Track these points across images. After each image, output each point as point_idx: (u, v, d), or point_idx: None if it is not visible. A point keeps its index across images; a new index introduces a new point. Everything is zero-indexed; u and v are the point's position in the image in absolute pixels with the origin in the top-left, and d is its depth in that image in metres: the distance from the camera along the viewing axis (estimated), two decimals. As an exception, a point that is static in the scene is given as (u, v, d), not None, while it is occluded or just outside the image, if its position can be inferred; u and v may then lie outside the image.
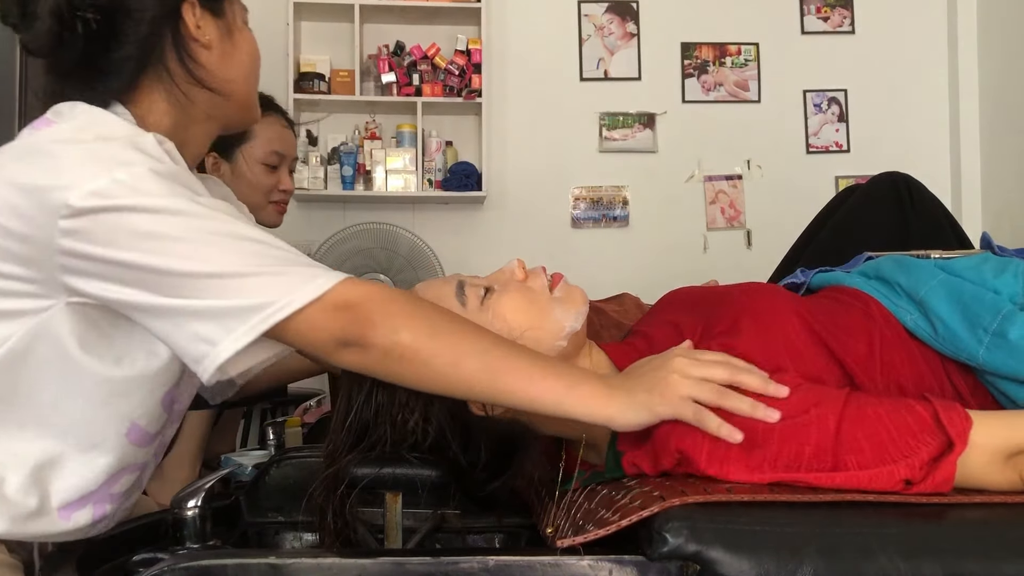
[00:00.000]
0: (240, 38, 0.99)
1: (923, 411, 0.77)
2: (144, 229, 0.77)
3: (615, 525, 0.72)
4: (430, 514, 1.05)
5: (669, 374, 0.79)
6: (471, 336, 0.81)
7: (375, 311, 0.78)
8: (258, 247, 0.79)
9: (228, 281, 0.76)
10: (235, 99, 0.99)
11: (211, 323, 0.76)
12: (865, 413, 0.77)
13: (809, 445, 0.76)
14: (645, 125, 3.53)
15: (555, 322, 0.93)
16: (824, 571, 0.68)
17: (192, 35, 0.93)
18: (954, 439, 0.74)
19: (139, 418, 0.91)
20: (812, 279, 1.13)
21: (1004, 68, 3.36)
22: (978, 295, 0.91)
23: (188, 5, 0.93)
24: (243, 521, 1.12)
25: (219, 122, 1.00)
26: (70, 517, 0.90)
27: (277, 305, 0.76)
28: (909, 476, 0.74)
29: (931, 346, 0.93)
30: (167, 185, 0.80)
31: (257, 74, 1.02)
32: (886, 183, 1.43)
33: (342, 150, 3.29)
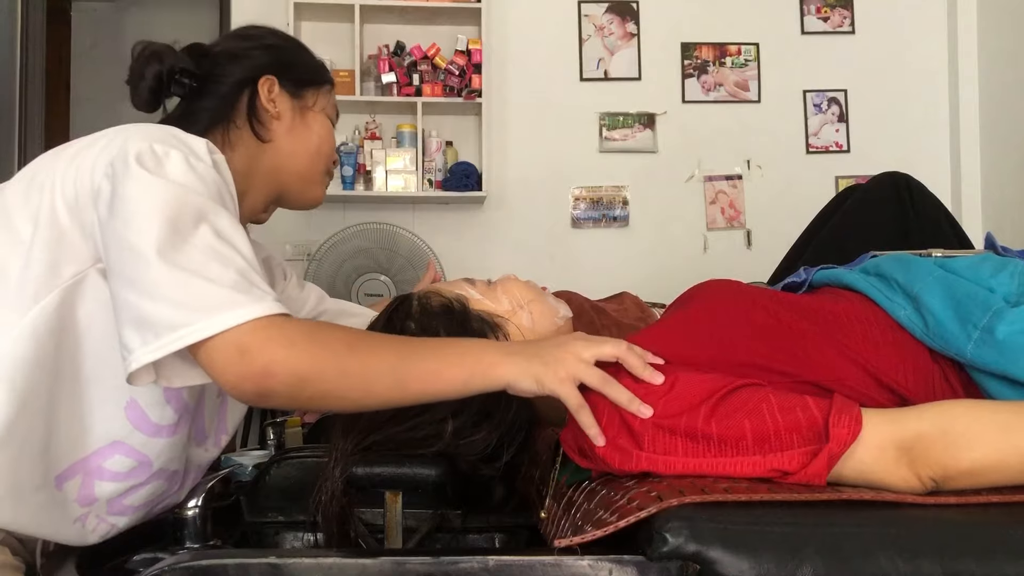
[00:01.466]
0: (314, 121, 1.12)
1: (817, 412, 0.79)
2: (131, 204, 0.81)
3: (613, 526, 0.72)
4: (430, 514, 1.05)
5: (566, 353, 0.83)
6: (379, 354, 0.82)
7: (273, 360, 0.77)
8: (211, 262, 0.79)
9: (167, 281, 0.77)
10: (294, 171, 1.10)
11: (135, 331, 0.78)
12: (759, 408, 0.79)
13: (679, 436, 0.79)
14: (645, 125, 3.53)
15: (552, 305, 1.05)
16: (824, 571, 0.68)
17: (263, 103, 1.07)
18: (832, 439, 0.76)
19: (139, 396, 0.90)
20: (814, 277, 1.13)
21: (1004, 68, 3.36)
22: (972, 292, 0.92)
23: (266, 80, 1.07)
24: (243, 521, 1.12)
25: (277, 187, 1.11)
26: (62, 486, 0.89)
27: (189, 329, 0.76)
28: (784, 467, 0.77)
29: (922, 341, 0.94)
30: (190, 177, 0.84)
31: (324, 159, 1.13)
32: (886, 183, 1.43)
33: (342, 150, 3.29)
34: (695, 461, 0.79)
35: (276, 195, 1.12)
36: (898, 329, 0.95)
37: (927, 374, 0.93)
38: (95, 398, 0.89)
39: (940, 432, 0.78)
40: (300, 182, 1.12)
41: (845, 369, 0.91)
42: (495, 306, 1.00)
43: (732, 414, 0.80)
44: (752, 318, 0.95)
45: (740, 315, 0.96)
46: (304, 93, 1.11)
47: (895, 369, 0.92)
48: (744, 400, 0.81)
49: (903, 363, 0.93)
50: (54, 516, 0.89)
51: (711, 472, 0.78)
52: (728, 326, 0.94)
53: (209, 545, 0.90)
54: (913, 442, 0.78)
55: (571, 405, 0.82)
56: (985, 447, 0.78)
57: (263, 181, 1.08)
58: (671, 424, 0.80)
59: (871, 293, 1.00)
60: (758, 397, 0.81)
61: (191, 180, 0.84)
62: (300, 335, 0.80)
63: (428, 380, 0.82)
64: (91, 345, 0.88)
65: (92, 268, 0.87)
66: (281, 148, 1.08)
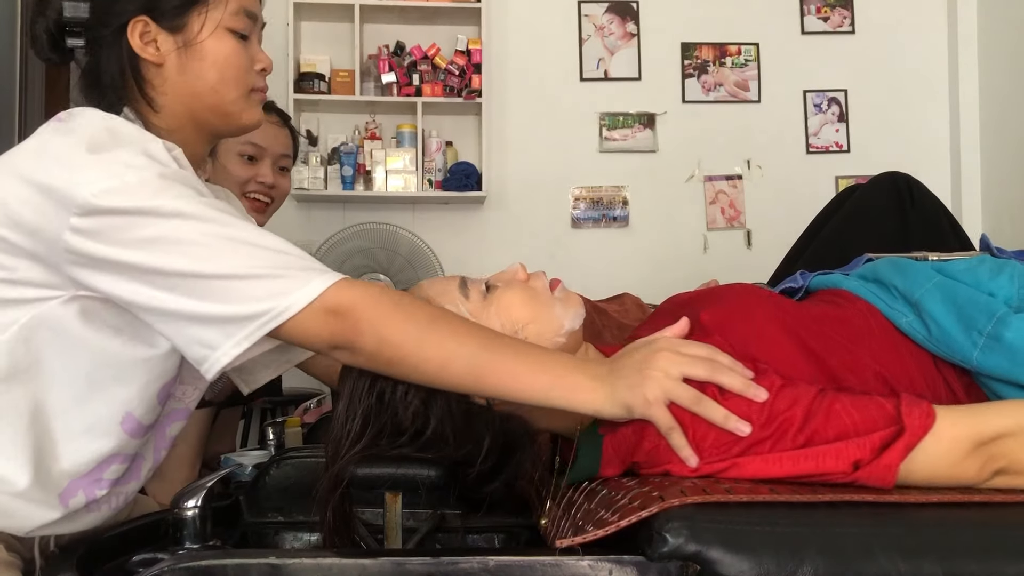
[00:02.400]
0: (205, 49, 0.96)
1: (889, 405, 0.79)
2: (149, 232, 0.80)
3: (614, 525, 0.72)
4: (430, 514, 1.05)
5: (652, 371, 0.80)
6: (460, 336, 0.83)
7: (363, 317, 0.81)
8: (257, 250, 0.82)
9: (227, 283, 0.80)
10: (206, 110, 0.98)
11: (212, 328, 0.81)
12: (832, 407, 0.79)
13: (771, 440, 0.79)
14: (645, 125, 3.53)
15: (555, 319, 0.95)
16: (824, 571, 0.68)
17: (139, 54, 0.95)
18: (907, 428, 0.76)
19: (135, 408, 0.93)
20: (811, 282, 1.13)
21: (1004, 68, 3.36)
22: (973, 297, 0.91)
23: (135, 24, 0.94)
24: (243, 521, 1.12)
25: (202, 132, 1.01)
26: (68, 503, 0.91)
27: (273, 312, 0.79)
28: (859, 456, 0.76)
29: (925, 348, 0.93)
30: (174, 188, 0.83)
31: (234, 84, 0.99)
32: (886, 183, 1.43)
33: (342, 150, 3.29)
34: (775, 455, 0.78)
35: (209, 136, 1.03)
36: (899, 336, 0.95)
37: (931, 379, 0.93)
38: (82, 422, 0.91)
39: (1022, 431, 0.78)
40: (219, 118, 1.00)
41: (862, 375, 0.91)
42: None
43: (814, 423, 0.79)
44: (783, 324, 0.94)
45: (773, 319, 0.95)
46: (187, 21, 0.95)
47: (901, 375, 0.92)
48: (821, 406, 0.80)
49: (906, 369, 0.93)
50: (55, 519, 0.91)
51: (789, 472, 0.77)
52: (762, 331, 0.94)
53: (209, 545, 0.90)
54: (993, 438, 0.78)
55: (663, 428, 0.79)
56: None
57: (189, 130, 0.99)
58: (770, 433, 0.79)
59: (872, 300, 1.00)
60: (830, 399, 0.81)
61: (179, 189, 0.83)
62: (385, 296, 0.83)
63: (506, 378, 0.81)
64: (69, 373, 0.89)
65: (53, 301, 0.86)
66: (181, 92, 0.96)
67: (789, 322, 0.95)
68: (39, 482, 0.88)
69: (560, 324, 0.95)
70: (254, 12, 1.00)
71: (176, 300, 0.81)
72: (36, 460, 0.88)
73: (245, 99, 1.01)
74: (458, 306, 0.94)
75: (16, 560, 0.90)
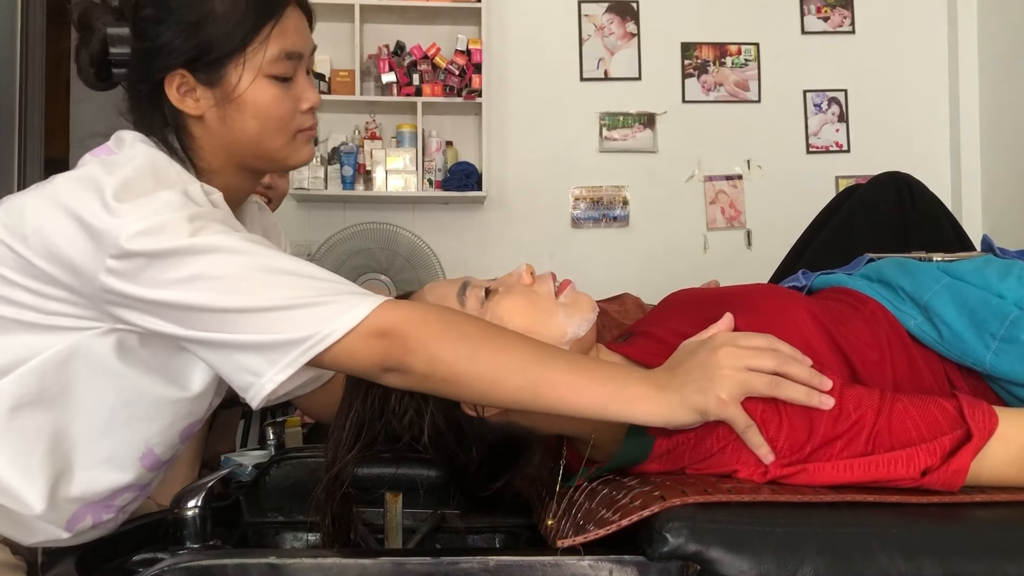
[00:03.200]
0: (245, 100, 0.92)
1: (949, 406, 0.79)
2: (186, 271, 0.79)
3: (615, 525, 0.72)
4: (430, 514, 1.05)
5: (718, 370, 0.77)
6: (511, 351, 0.80)
7: (411, 337, 0.79)
8: (296, 280, 0.81)
9: (268, 315, 0.79)
10: (252, 158, 0.97)
11: (255, 356, 0.80)
12: (895, 409, 0.79)
13: (842, 441, 0.78)
14: (645, 125, 3.53)
15: (557, 326, 0.91)
16: (824, 571, 0.68)
17: (179, 107, 0.92)
18: (974, 432, 0.76)
19: (156, 445, 0.94)
20: (814, 281, 1.12)
21: (1004, 68, 3.35)
22: (984, 300, 0.91)
23: (172, 78, 0.91)
24: (243, 521, 1.12)
25: (250, 175, 1.00)
26: (74, 529, 0.91)
27: (317, 337, 0.78)
28: (928, 463, 0.75)
29: (936, 351, 0.93)
30: (209, 226, 0.82)
31: (277, 131, 0.95)
32: (886, 183, 1.43)
33: (342, 150, 3.29)
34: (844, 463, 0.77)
35: (255, 174, 1.01)
36: (908, 337, 0.95)
37: (940, 382, 0.93)
38: (103, 452, 0.91)
39: None
40: (265, 163, 0.98)
41: (883, 376, 0.91)
42: None
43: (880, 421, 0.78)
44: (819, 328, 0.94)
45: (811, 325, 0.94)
46: (223, 73, 0.91)
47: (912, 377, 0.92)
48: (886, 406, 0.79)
49: (917, 372, 0.93)
50: (60, 539, 0.91)
51: (860, 478, 0.77)
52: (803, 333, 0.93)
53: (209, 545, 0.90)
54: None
55: (740, 426, 0.77)
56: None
57: (234, 171, 0.97)
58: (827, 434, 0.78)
59: (879, 301, 0.99)
60: (891, 400, 0.80)
61: (212, 226, 0.82)
62: (432, 314, 0.82)
63: (564, 391, 0.78)
64: (97, 406, 0.89)
65: (93, 331, 0.86)
66: (223, 141, 0.94)
67: (821, 321, 0.94)
68: (53, 506, 0.88)
69: (563, 332, 0.91)
70: (298, 51, 0.96)
71: (218, 335, 0.80)
72: (52, 485, 0.87)
73: (291, 143, 0.97)
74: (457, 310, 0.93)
75: (20, 563, 0.90)
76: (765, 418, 0.78)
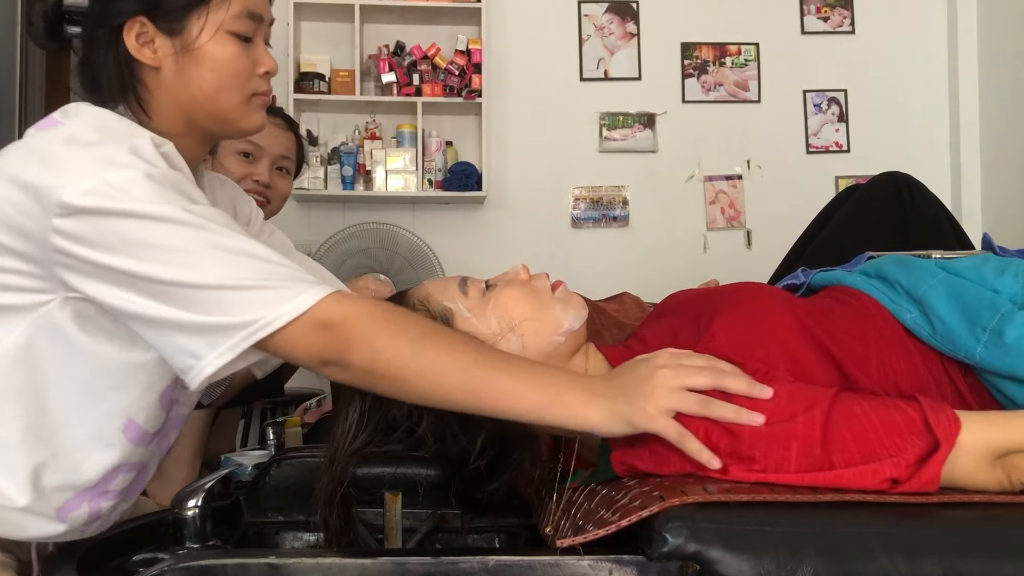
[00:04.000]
0: (204, 53, 0.92)
1: (912, 412, 0.78)
2: (132, 236, 0.78)
3: (615, 525, 0.72)
4: (430, 514, 1.05)
5: (654, 387, 0.78)
6: (454, 352, 0.80)
7: (355, 331, 0.79)
8: (247, 259, 0.80)
9: (215, 293, 0.78)
10: (204, 116, 0.95)
11: (197, 338, 0.78)
12: (853, 412, 0.78)
13: (793, 449, 0.77)
14: (645, 125, 3.53)
15: (554, 317, 0.94)
16: (824, 571, 0.68)
17: (135, 56, 0.92)
18: (941, 440, 0.75)
19: (136, 414, 0.92)
20: (813, 279, 1.13)
21: (1004, 68, 3.35)
22: (978, 294, 0.91)
23: (132, 24, 0.91)
24: (243, 521, 1.12)
25: (201, 135, 0.98)
26: (67, 518, 0.90)
27: (261, 323, 0.77)
28: (895, 475, 0.75)
29: (930, 345, 0.93)
30: (159, 191, 0.80)
31: (233, 88, 0.94)
32: (886, 183, 1.43)
33: (342, 150, 3.29)
34: (809, 476, 0.76)
35: (207, 139, 1.00)
36: (904, 332, 0.95)
37: (937, 377, 0.93)
38: (84, 431, 0.89)
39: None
40: (218, 124, 0.96)
41: (873, 372, 0.91)
42: (481, 326, 0.92)
43: (833, 424, 0.78)
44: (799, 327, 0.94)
45: (789, 325, 0.94)
46: (186, 24, 0.91)
47: (905, 372, 0.92)
48: (842, 411, 0.79)
49: (912, 366, 0.93)
50: (56, 533, 0.90)
51: (824, 485, 0.76)
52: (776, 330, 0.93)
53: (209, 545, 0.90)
54: (1019, 448, 0.77)
55: (672, 438, 0.78)
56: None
57: (186, 134, 0.95)
58: (786, 430, 0.78)
59: (875, 296, 1.00)
60: (848, 402, 0.79)
61: (163, 193, 0.80)
62: (378, 311, 0.81)
63: (503, 395, 0.79)
64: (67, 382, 0.88)
65: (50, 305, 0.84)
66: (178, 96, 0.93)
67: (803, 320, 0.94)
68: (39, 497, 0.87)
69: (559, 323, 0.94)
70: (258, 13, 0.96)
71: (161, 308, 0.78)
72: (34, 475, 0.86)
73: (245, 104, 0.96)
74: (456, 303, 0.94)
75: (10, 560, 0.90)
76: (707, 437, 0.78)
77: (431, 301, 0.95)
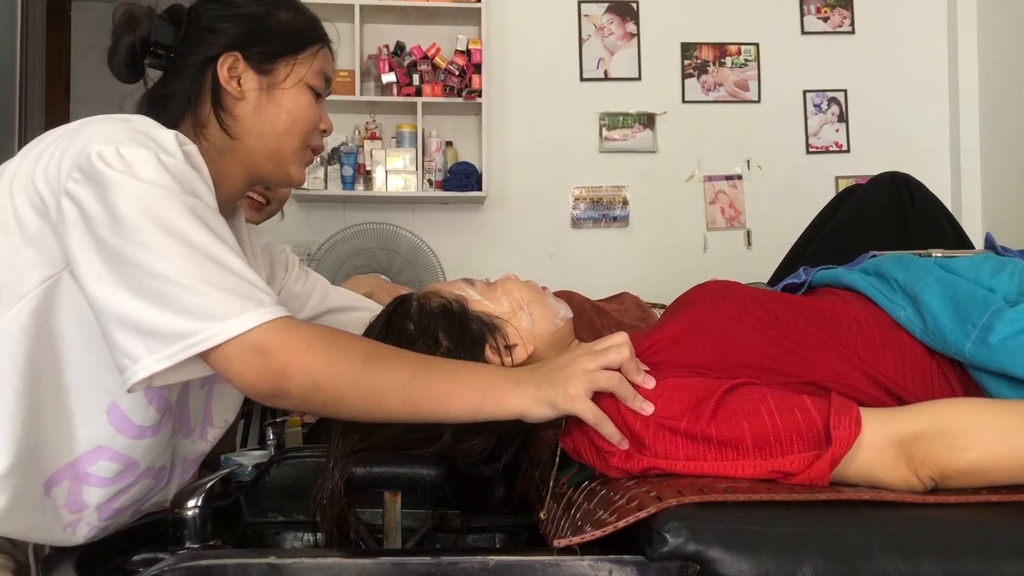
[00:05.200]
0: (284, 97, 1.01)
1: (815, 413, 0.80)
2: (121, 210, 0.79)
3: (612, 526, 0.72)
4: (429, 514, 1.05)
5: (572, 370, 0.84)
6: (394, 371, 0.83)
7: (291, 361, 0.79)
8: (210, 264, 0.80)
9: (167, 288, 0.78)
10: (264, 152, 1.02)
11: (138, 339, 0.78)
12: (757, 409, 0.81)
13: (679, 437, 0.81)
14: (645, 125, 3.53)
15: (551, 307, 1.03)
16: (824, 571, 0.68)
17: (222, 84, 0.99)
18: (835, 443, 0.77)
19: (120, 398, 0.91)
20: (814, 277, 1.13)
21: (1004, 68, 3.35)
22: (971, 292, 0.92)
23: (227, 57, 0.99)
24: (243, 521, 1.12)
25: (249, 172, 1.03)
26: (50, 492, 0.89)
27: (201, 336, 0.77)
28: (786, 470, 0.78)
29: (922, 341, 0.94)
30: (164, 176, 0.82)
31: (297, 137, 1.03)
32: (886, 183, 1.43)
33: (342, 150, 3.29)
34: (696, 464, 0.80)
35: (252, 178, 1.06)
36: (898, 329, 0.95)
37: (926, 374, 0.93)
38: (76, 403, 0.90)
39: (937, 432, 0.79)
40: (272, 164, 1.04)
41: (843, 370, 0.91)
42: (494, 307, 0.99)
43: (731, 416, 0.81)
44: (752, 318, 0.96)
45: (740, 315, 0.96)
46: (274, 67, 1.02)
47: (894, 370, 0.92)
48: (742, 401, 0.82)
49: (902, 364, 0.93)
50: (43, 521, 0.89)
51: (712, 473, 0.79)
52: (728, 326, 0.95)
53: (209, 545, 0.90)
54: (910, 441, 0.79)
55: (589, 419, 0.82)
56: (982, 449, 0.78)
57: (236, 165, 1.02)
58: (672, 425, 0.81)
59: (871, 293, 1.00)
60: (756, 398, 0.82)
61: (166, 179, 0.82)
62: (317, 340, 0.81)
63: (440, 402, 0.83)
64: (69, 350, 0.88)
65: (64, 271, 0.86)
66: (250, 130, 1.01)
67: (759, 320, 0.96)
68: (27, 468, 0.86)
69: (556, 311, 1.02)
70: (330, 77, 1.08)
71: (113, 292, 0.79)
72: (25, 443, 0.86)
73: (301, 152, 1.05)
74: (466, 290, 1.01)
75: (8, 562, 0.89)
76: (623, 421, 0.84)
77: (442, 292, 1.00)
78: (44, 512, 0.89)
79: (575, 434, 0.88)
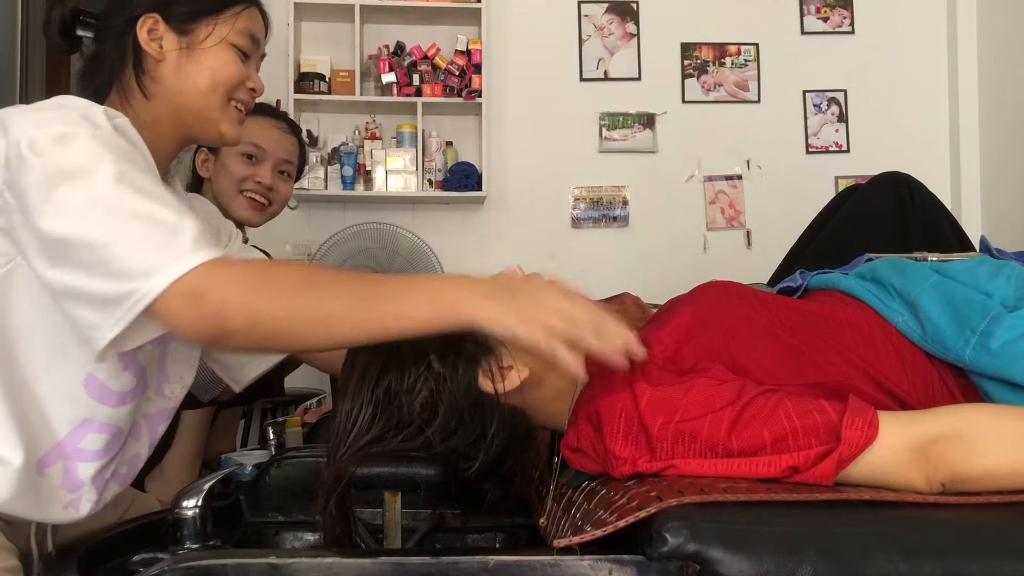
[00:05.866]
0: (205, 56, 1.02)
1: (833, 413, 0.79)
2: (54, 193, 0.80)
3: (612, 526, 0.72)
4: (429, 514, 1.05)
5: (541, 306, 0.79)
6: (338, 293, 0.81)
7: (228, 300, 0.78)
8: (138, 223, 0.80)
9: (103, 255, 0.78)
10: (190, 111, 1.02)
11: (91, 310, 0.80)
12: (775, 413, 0.80)
13: (700, 439, 0.80)
14: (645, 125, 3.53)
15: None
16: (823, 571, 0.68)
17: (144, 47, 1.00)
18: (843, 444, 0.77)
19: (96, 370, 0.93)
20: (810, 281, 1.13)
21: (1004, 68, 3.36)
22: (969, 297, 0.92)
23: (146, 19, 1.00)
24: (243, 521, 1.12)
25: (179, 132, 1.04)
26: (44, 471, 0.91)
27: (139, 293, 0.77)
28: (795, 464, 0.78)
29: (920, 347, 0.94)
30: (99, 151, 0.84)
31: (219, 93, 1.03)
32: (886, 183, 1.43)
33: (342, 150, 3.29)
34: (711, 466, 0.80)
35: (183, 138, 1.06)
36: (896, 335, 0.95)
37: (926, 379, 0.93)
38: (53, 382, 0.91)
39: (956, 436, 0.78)
40: (200, 122, 1.04)
41: (849, 373, 0.91)
42: None
43: (750, 423, 0.80)
44: (761, 317, 0.95)
45: (749, 315, 0.96)
46: (194, 28, 1.02)
47: (896, 373, 0.92)
48: (761, 408, 0.81)
49: (903, 368, 0.93)
50: (40, 501, 0.90)
51: (727, 475, 0.78)
52: (736, 329, 0.94)
53: (209, 545, 0.90)
54: (928, 445, 0.78)
55: (545, 351, 0.78)
56: (1000, 455, 0.78)
57: (165, 126, 1.03)
58: (692, 428, 0.80)
59: (868, 299, 1.00)
60: (774, 402, 0.81)
61: (98, 152, 0.84)
62: (251, 275, 0.81)
63: (389, 323, 0.79)
64: (33, 333, 0.90)
65: (19, 258, 0.87)
66: (171, 89, 1.01)
67: (766, 320, 0.95)
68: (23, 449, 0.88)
69: None
70: (258, 37, 1.07)
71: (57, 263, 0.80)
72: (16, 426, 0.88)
73: (225, 108, 1.04)
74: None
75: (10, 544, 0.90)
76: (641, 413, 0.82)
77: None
78: (40, 491, 0.90)
79: (581, 437, 0.87)
